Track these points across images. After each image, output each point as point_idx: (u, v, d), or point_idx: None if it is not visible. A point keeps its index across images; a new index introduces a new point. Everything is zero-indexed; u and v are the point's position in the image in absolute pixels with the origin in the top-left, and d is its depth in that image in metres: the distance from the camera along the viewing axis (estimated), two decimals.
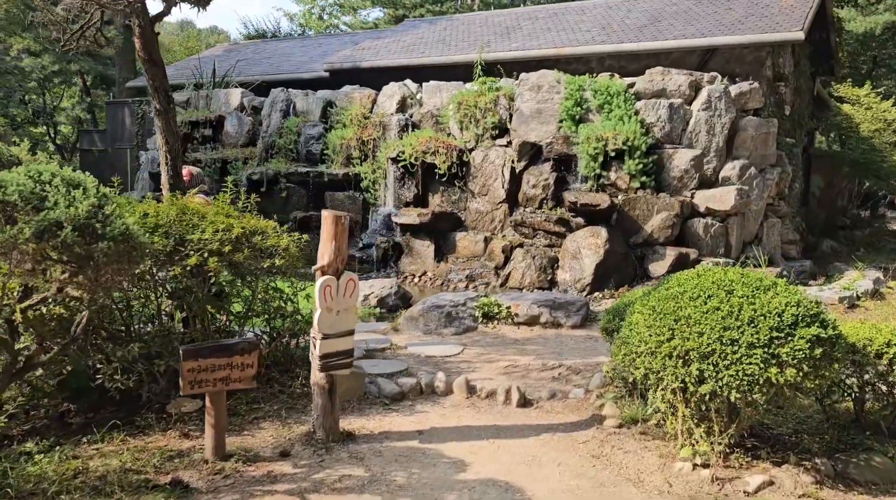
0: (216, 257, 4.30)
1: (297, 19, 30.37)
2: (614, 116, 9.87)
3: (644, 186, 9.62)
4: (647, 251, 9.46)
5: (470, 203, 10.82)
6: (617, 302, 4.75)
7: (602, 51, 11.97)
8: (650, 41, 11.61)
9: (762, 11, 11.71)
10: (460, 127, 11.22)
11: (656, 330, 3.60)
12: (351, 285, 3.99)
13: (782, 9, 11.59)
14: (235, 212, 5.08)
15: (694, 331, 3.45)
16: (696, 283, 3.71)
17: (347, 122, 12.27)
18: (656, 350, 3.56)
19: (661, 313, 3.66)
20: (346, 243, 3.98)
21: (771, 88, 11.69)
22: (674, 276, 4.00)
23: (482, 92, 11.05)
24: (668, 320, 3.59)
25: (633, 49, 11.73)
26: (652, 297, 3.85)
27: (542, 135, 10.41)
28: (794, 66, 13.26)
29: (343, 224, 3.91)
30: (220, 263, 4.33)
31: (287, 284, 5.19)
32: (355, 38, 16.97)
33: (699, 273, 3.85)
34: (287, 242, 4.75)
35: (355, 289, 4.01)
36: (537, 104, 10.56)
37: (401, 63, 13.85)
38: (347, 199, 11.82)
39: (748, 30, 11.09)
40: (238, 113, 13.77)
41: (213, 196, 6.43)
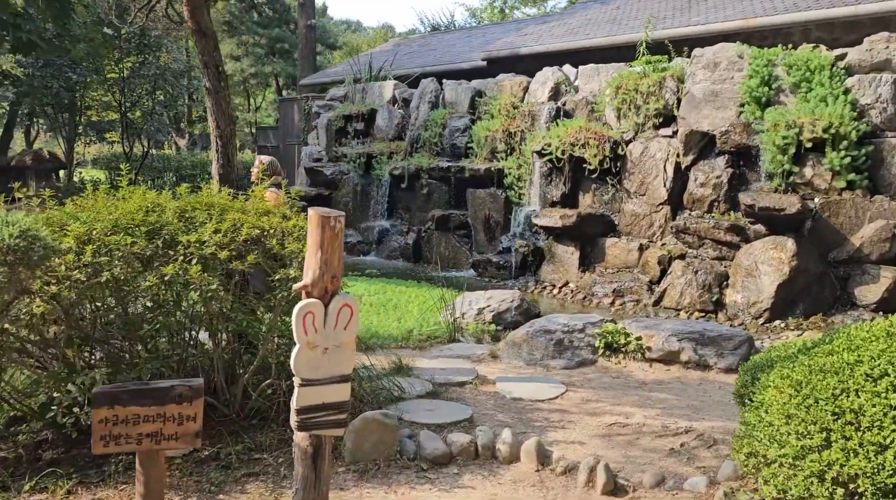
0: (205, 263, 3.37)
1: (478, 14, 29.84)
2: (814, 97, 7.72)
3: (852, 185, 7.39)
4: (853, 271, 7.25)
5: (624, 204, 9.19)
6: (765, 354, 3.11)
7: (806, 19, 9.66)
8: (875, 2, 9.11)
9: None
10: (617, 115, 9.60)
11: (799, 426, 2.06)
12: (346, 312, 2.84)
13: None
14: (286, 211, 4.16)
15: (869, 441, 1.88)
16: (883, 348, 2.09)
17: (495, 112, 11.16)
18: (797, 463, 2.02)
19: (810, 394, 2.10)
20: (339, 255, 2.83)
21: None
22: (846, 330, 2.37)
23: (645, 73, 9.34)
24: (821, 411, 2.03)
25: (850, 14, 9.30)
26: (799, 364, 2.27)
27: (716, 122, 8.50)
28: None
29: (334, 228, 2.77)
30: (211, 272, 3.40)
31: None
32: (520, 24, 15.81)
33: (893, 328, 2.20)
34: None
35: (352, 318, 2.86)
36: (712, 85, 8.65)
37: (561, 47, 12.45)
38: (489, 197, 10.70)
39: None
40: (389, 106, 13.25)
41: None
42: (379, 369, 4.91)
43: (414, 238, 11.62)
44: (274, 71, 26.70)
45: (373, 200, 12.50)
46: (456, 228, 11.10)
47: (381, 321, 6.78)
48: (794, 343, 3.16)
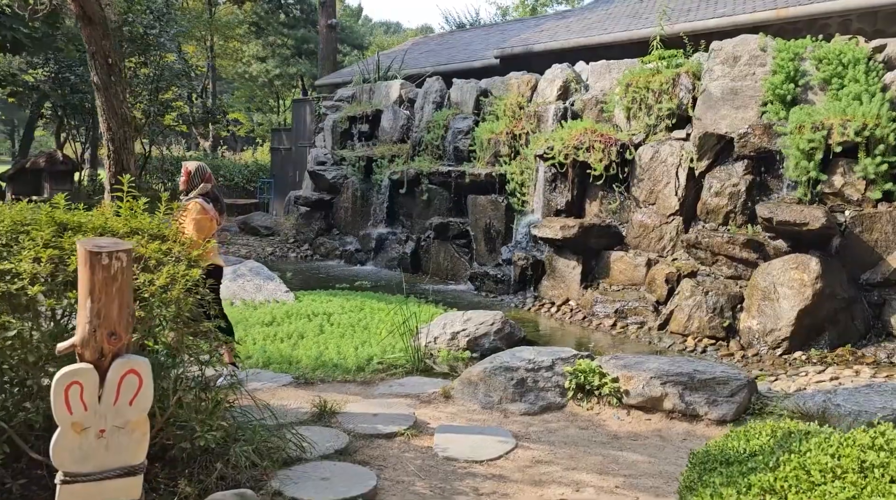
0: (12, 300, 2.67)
1: (509, 12, 28.98)
2: (846, 94, 6.71)
3: (890, 197, 6.38)
4: (890, 296, 6.24)
5: (633, 214, 8.29)
6: (722, 441, 2.26)
7: (845, 7, 8.62)
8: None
9: None
10: (627, 115, 8.70)
11: None
12: (133, 381, 2.11)
13: None
14: (169, 229, 3.45)
15: None
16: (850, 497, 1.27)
17: (500, 113, 10.35)
18: None
19: None
20: (122, 302, 2.10)
21: None
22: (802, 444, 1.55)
23: (658, 70, 8.42)
24: None
25: (893, 1, 8.21)
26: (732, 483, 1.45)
27: (735, 124, 7.54)
28: None
29: (108, 267, 2.04)
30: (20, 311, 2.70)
31: None
32: (540, 21, 14.95)
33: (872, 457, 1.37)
34: (177, 280, 2.95)
35: (142, 389, 2.13)
36: (732, 82, 7.69)
37: (576, 43, 11.58)
38: (490, 204, 9.91)
39: None
40: (395, 107, 12.55)
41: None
42: (298, 415, 4.19)
43: (413, 247, 10.89)
44: (299, 72, 26.32)
45: (372, 207, 11.82)
46: (455, 238, 10.33)
47: (341, 346, 6.07)
48: (754, 431, 2.31)
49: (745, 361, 6.24)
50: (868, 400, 4.07)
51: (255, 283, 7.99)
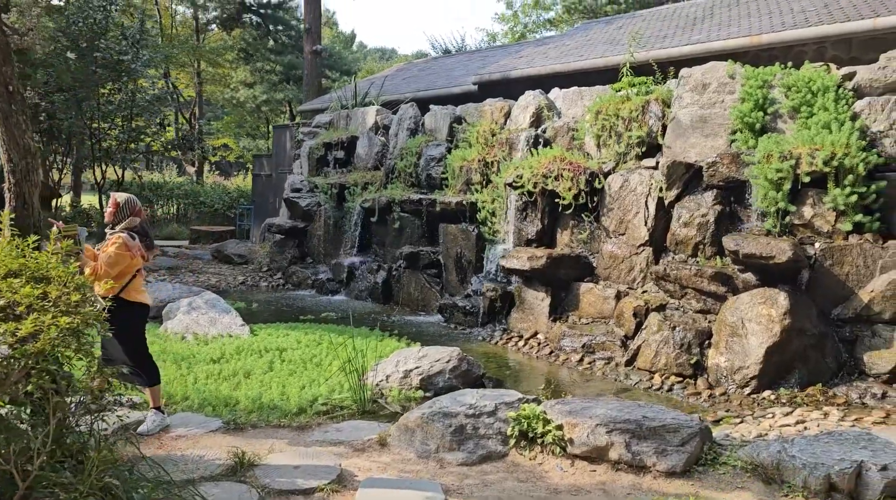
0: None
1: (498, 38, 29.04)
2: (816, 123, 6.50)
3: (861, 228, 6.13)
4: (862, 332, 5.96)
5: (603, 244, 8.03)
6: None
7: (818, 35, 8.46)
8: None
9: None
10: (597, 143, 8.50)
11: None
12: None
13: None
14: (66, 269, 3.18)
15: None
16: None
17: (473, 140, 10.16)
18: None
19: None
20: None
21: None
22: None
23: (628, 97, 8.24)
24: None
25: (867, 29, 8.06)
26: None
27: (704, 152, 7.33)
28: None
29: None
30: None
31: None
32: (520, 47, 14.85)
33: None
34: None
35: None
36: (701, 110, 7.50)
37: (553, 70, 11.44)
38: (461, 233, 9.66)
39: None
40: (370, 133, 12.37)
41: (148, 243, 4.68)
42: (212, 468, 3.88)
43: (384, 277, 10.62)
44: (287, 97, 26.26)
45: (345, 235, 11.57)
46: (426, 267, 10.07)
47: (287, 386, 5.76)
48: None
49: (712, 400, 5.94)
50: (826, 451, 3.77)
51: (210, 316, 7.69)
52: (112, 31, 12.80)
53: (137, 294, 4.54)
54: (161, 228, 17.01)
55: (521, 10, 27.46)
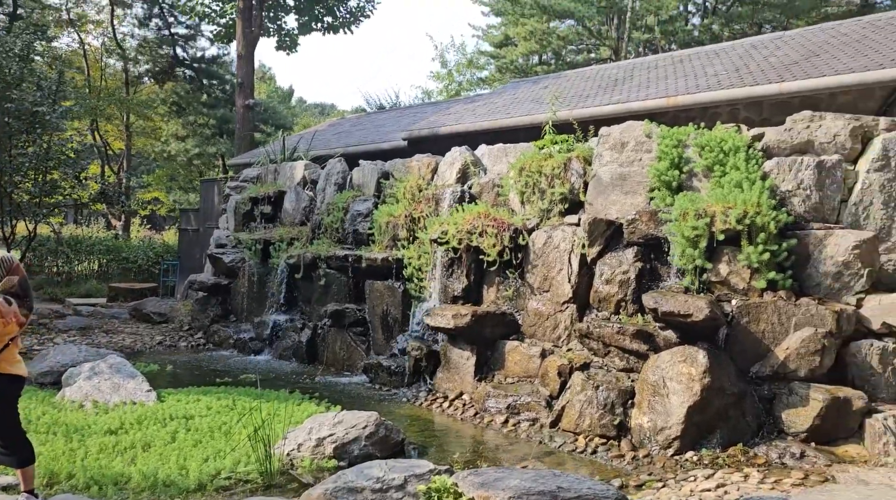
0: None
1: (433, 96, 29.53)
2: (728, 182, 6.65)
3: (774, 286, 6.21)
4: (780, 390, 5.96)
5: (528, 301, 7.94)
6: None
7: (726, 97, 8.79)
8: (797, 80, 8.25)
9: None
10: (521, 199, 8.51)
11: None
12: None
13: None
14: None
15: None
16: None
17: (400, 195, 10.06)
18: None
19: None
20: None
21: None
22: None
23: (550, 154, 8.32)
24: None
25: (774, 93, 8.42)
26: None
27: (624, 209, 7.40)
28: None
29: None
30: None
31: None
32: (450, 104, 15.04)
33: None
34: None
35: None
36: (620, 168, 7.61)
37: (480, 127, 11.55)
38: (387, 290, 9.44)
39: None
40: (298, 188, 12.14)
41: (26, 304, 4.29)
42: None
43: (309, 336, 10.24)
44: (219, 151, 25.84)
45: (269, 292, 11.18)
46: (352, 325, 9.76)
47: (189, 458, 5.33)
48: None
49: (635, 463, 5.79)
50: None
51: (114, 382, 7.17)
52: (27, 81, 12.32)
53: (10, 365, 4.12)
54: (78, 285, 16.16)
55: (456, 69, 28.10)
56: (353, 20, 20.60)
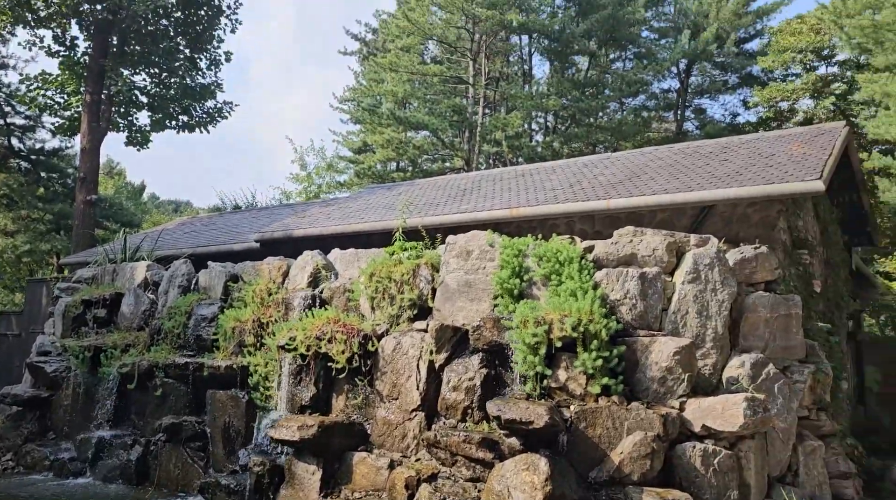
0: None
1: (292, 197, 29.47)
2: (564, 291, 7.06)
3: (608, 391, 6.53)
4: (616, 495, 6.14)
5: (377, 409, 7.78)
6: None
7: (562, 211, 9.48)
8: (622, 198, 9.09)
9: (765, 162, 9.22)
10: (371, 305, 8.51)
11: None
12: None
13: (792, 157, 9.09)
14: None
15: None
16: None
17: (249, 299, 9.71)
18: None
19: None
20: None
21: (790, 257, 8.87)
22: None
23: (400, 260, 8.46)
24: None
25: (602, 208, 9.20)
26: None
27: (470, 316, 7.59)
28: (820, 233, 10.53)
29: None
30: None
31: None
32: (306, 207, 15.05)
33: None
34: None
35: None
36: (466, 275, 7.86)
37: (334, 230, 11.58)
38: (230, 400, 8.88)
39: (748, 181, 8.52)
40: (138, 290, 11.38)
41: None
42: None
43: (140, 453, 9.31)
44: (55, 248, 23.89)
45: (97, 405, 10.15)
46: (190, 440, 9.02)
47: None
48: None
49: None
50: None
51: None
52: None
53: None
54: None
55: (315, 172, 28.37)
56: (210, 120, 20.39)
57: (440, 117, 24.14)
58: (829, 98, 22.57)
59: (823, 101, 22.79)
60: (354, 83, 31.37)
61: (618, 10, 25.35)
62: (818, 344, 7.86)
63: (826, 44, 23.55)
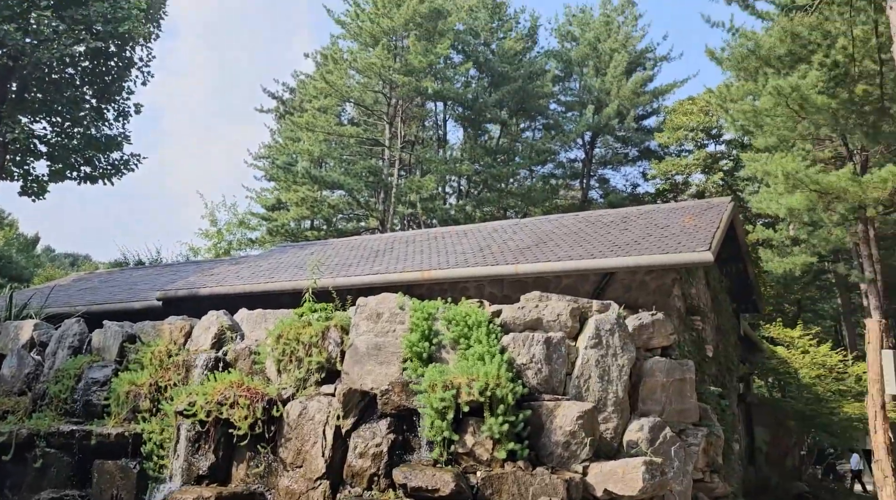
0: None
1: (201, 254, 28.59)
2: (472, 354, 7.15)
3: (514, 456, 6.58)
4: None
5: (280, 478, 7.49)
6: None
7: (472, 274, 9.69)
8: (530, 263, 9.40)
9: (661, 232, 9.81)
10: (278, 368, 8.30)
11: None
12: None
13: (685, 228, 9.72)
14: None
15: None
16: None
17: (147, 362, 9.24)
18: None
19: None
20: None
21: (684, 323, 9.36)
22: None
23: (309, 322, 8.34)
24: None
25: (510, 272, 9.46)
26: None
27: (379, 380, 7.53)
28: (711, 300, 11.20)
29: None
30: None
31: None
32: (213, 264, 14.64)
33: None
34: None
35: None
36: (376, 338, 7.84)
37: (243, 290, 11.31)
38: (119, 470, 8.33)
39: (646, 251, 9.02)
40: (22, 351, 10.61)
41: None
42: None
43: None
44: None
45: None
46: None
47: None
48: None
49: None
50: None
51: None
52: None
53: None
54: None
55: (226, 229, 27.73)
56: (115, 172, 19.63)
57: (356, 177, 24.33)
58: (718, 173, 24.38)
59: (713, 176, 24.59)
60: (270, 141, 31.25)
61: (528, 83, 26.73)
62: (710, 407, 8.26)
63: (714, 124, 25.60)
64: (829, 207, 16.69)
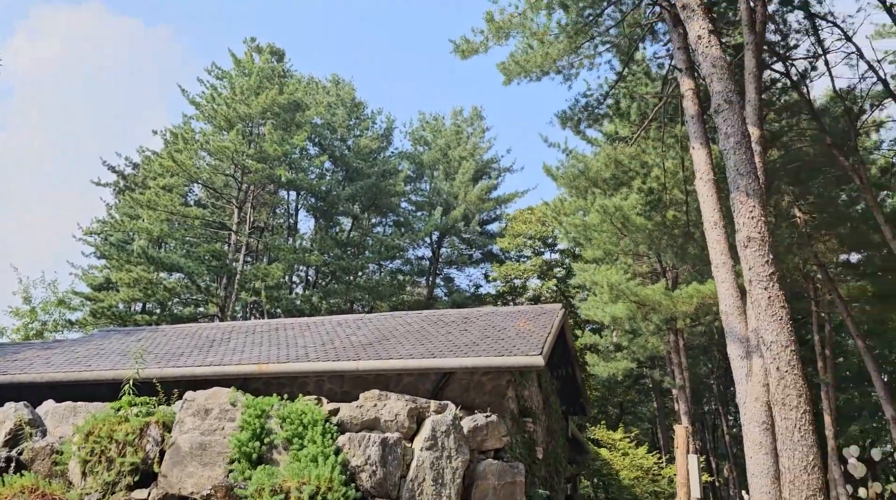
0: None
1: (8, 335, 25.47)
2: (306, 455, 6.89)
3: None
4: None
5: None
6: None
7: (313, 369, 9.46)
8: (372, 360, 9.37)
9: (498, 335, 10.24)
10: (83, 469, 7.47)
11: None
12: None
13: (520, 332, 10.21)
14: None
15: None
16: None
17: None
18: None
19: None
20: None
21: (517, 425, 9.67)
22: None
23: (126, 417, 7.67)
24: None
25: (351, 368, 9.36)
26: None
27: (201, 483, 7.00)
28: (543, 402, 11.70)
29: None
30: None
31: None
32: (19, 348, 13.09)
33: None
34: None
35: None
36: (202, 436, 7.34)
37: (55, 379, 10.19)
38: None
39: (483, 352, 9.34)
40: None
41: None
42: None
43: None
44: None
45: None
46: None
47: None
48: None
49: None
50: None
51: None
52: None
53: None
54: None
55: (42, 308, 25.08)
56: None
57: (197, 261, 23.25)
58: (552, 280, 26.08)
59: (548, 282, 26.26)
60: (106, 215, 29.24)
61: (381, 181, 27.50)
62: None
63: (550, 234, 27.61)
64: (647, 318, 18.34)
